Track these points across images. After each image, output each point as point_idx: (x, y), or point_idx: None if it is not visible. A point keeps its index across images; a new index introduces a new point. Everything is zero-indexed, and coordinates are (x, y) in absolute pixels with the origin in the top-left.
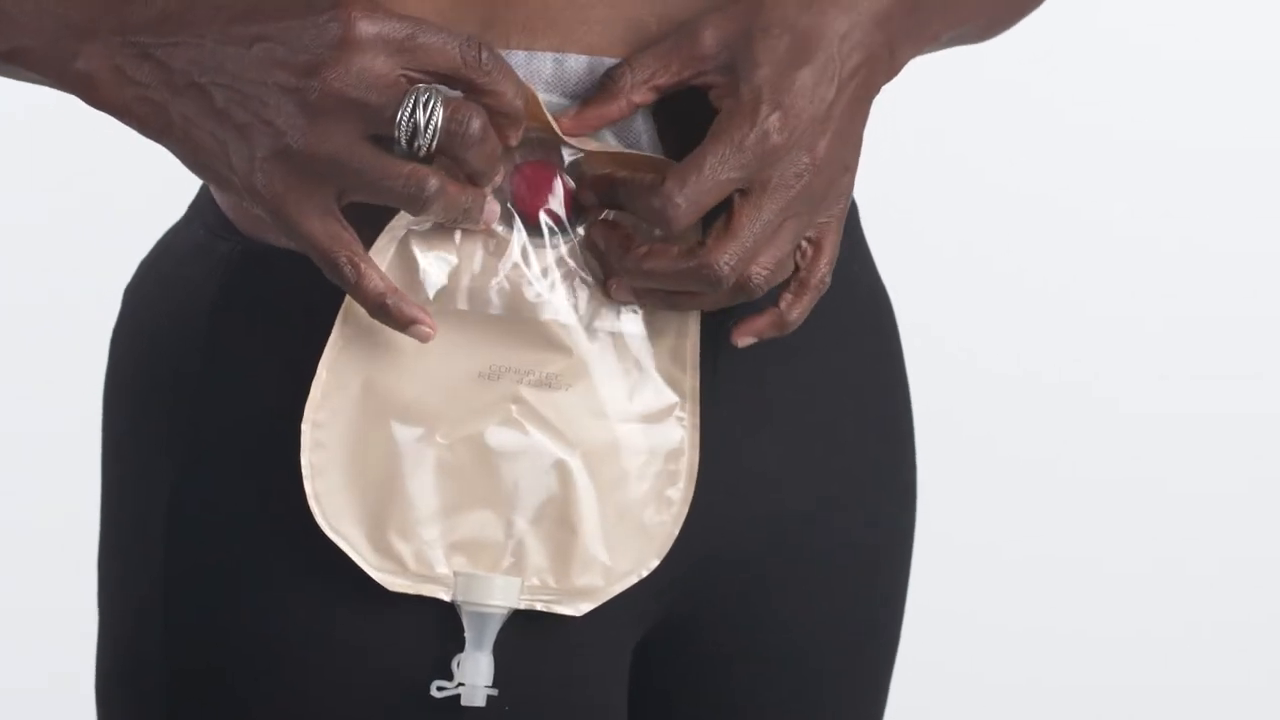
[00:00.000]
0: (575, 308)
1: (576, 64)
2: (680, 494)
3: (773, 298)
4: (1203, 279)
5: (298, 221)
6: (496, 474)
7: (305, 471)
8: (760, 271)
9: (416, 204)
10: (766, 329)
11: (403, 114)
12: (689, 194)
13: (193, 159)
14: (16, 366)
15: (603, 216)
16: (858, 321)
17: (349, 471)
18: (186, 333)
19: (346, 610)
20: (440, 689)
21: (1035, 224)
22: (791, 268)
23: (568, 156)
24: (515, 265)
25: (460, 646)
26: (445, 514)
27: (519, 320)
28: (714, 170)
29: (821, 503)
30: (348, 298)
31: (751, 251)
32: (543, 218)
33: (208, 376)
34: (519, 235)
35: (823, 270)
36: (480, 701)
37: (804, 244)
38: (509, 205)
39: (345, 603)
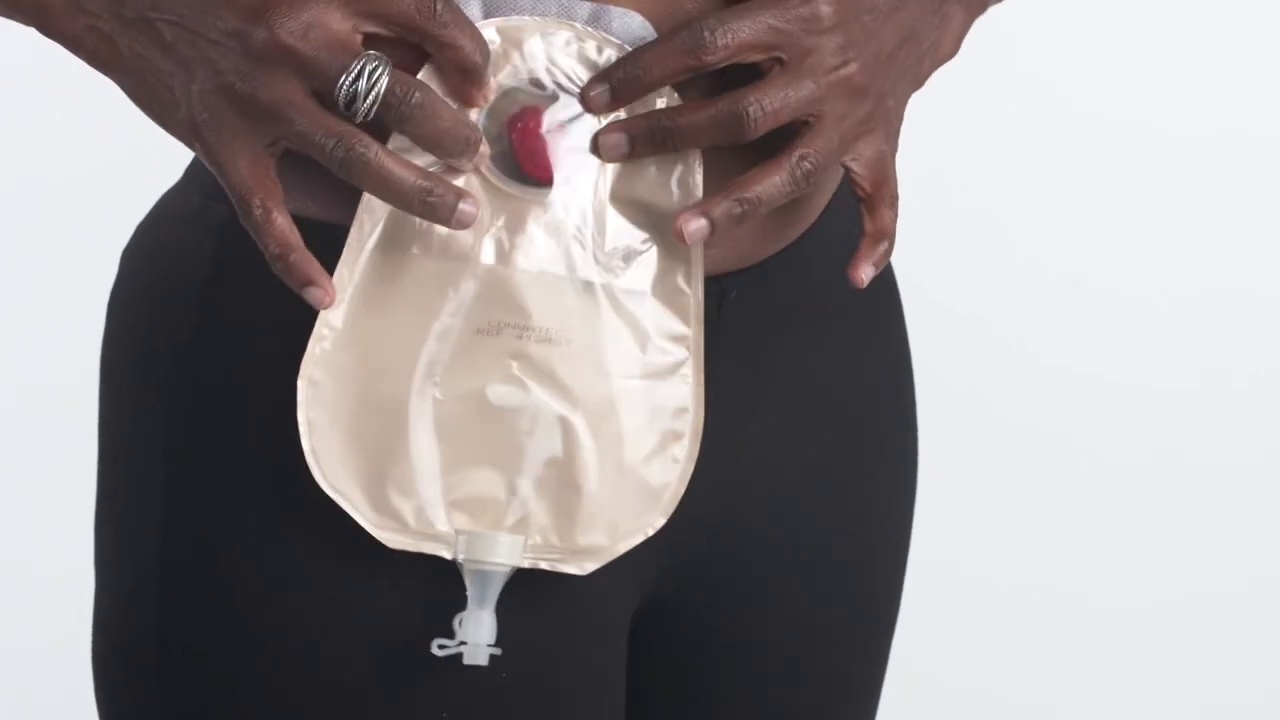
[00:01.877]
0: (573, 263)
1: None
2: (685, 452)
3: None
4: (1206, 255)
5: (226, 159)
6: (498, 431)
7: (302, 429)
8: (809, 152)
9: (341, 167)
10: (876, 253)
11: (345, 79)
12: (730, 25)
13: (138, 92)
14: (17, 330)
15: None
16: (859, 292)
17: (347, 429)
18: (181, 296)
19: (342, 573)
20: (442, 647)
21: (1039, 192)
22: (832, 162)
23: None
24: (513, 217)
25: (457, 608)
26: (446, 471)
27: (517, 274)
28: (757, 13)
29: (820, 474)
30: (343, 257)
31: (786, 105)
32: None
33: (202, 339)
34: (517, 188)
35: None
36: (483, 660)
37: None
38: (509, 157)
39: (341, 566)
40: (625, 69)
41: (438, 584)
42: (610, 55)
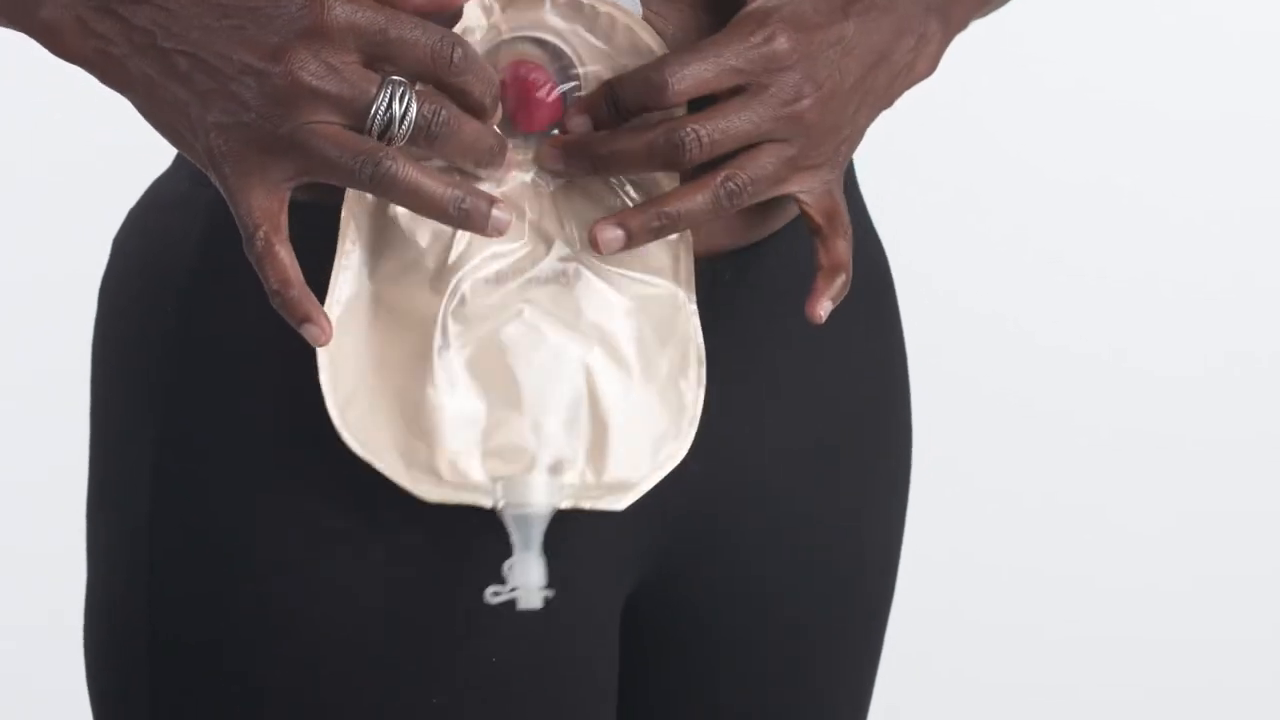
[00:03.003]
0: (565, 219)
1: None
2: (696, 376)
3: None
4: (1206, 238)
5: (240, 190)
6: (519, 376)
7: (326, 393)
8: (738, 174)
9: (373, 183)
10: (834, 287)
11: (378, 107)
12: (690, 68)
13: (153, 115)
14: (11, 318)
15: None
16: (855, 281)
17: (370, 389)
18: (169, 281)
19: (334, 557)
20: (495, 594)
21: (1032, 174)
22: (764, 191)
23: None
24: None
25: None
26: (473, 421)
27: (519, 222)
28: (718, 54)
29: (813, 465)
30: (343, 219)
31: (726, 136)
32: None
33: (190, 324)
34: (513, 143)
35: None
36: (537, 603)
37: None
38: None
39: (333, 549)
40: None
41: (432, 566)
42: (607, 13)
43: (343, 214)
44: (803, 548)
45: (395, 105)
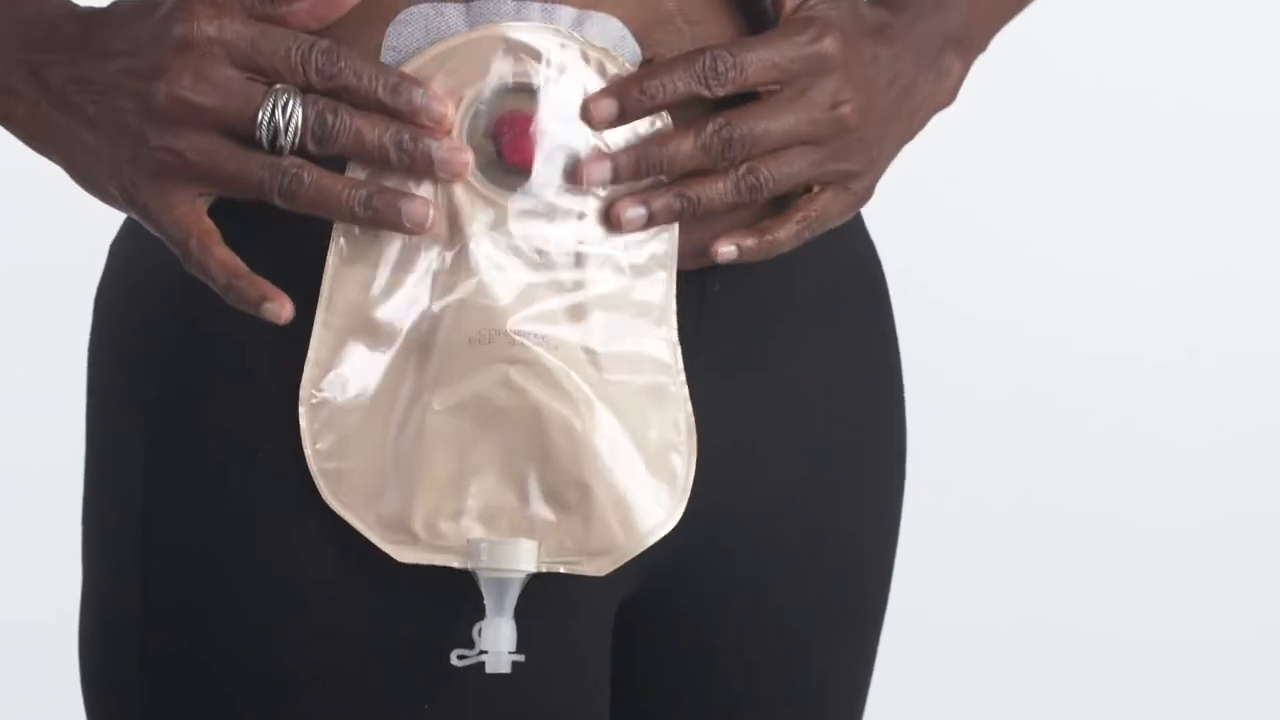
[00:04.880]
0: (556, 264)
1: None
2: (686, 441)
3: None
4: (1182, 235)
5: (159, 213)
6: (501, 437)
7: (307, 452)
8: (761, 168)
9: (283, 195)
10: (748, 241)
11: (262, 116)
12: (740, 59)
13: (75, 168)
14: (9, 321)
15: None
16: (846, 287)
17: (349, 439)
18: (165, 289)
19: (326, 567)
20: (462, 657)
21: (1029, 177)
22: (785, 188)
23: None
24: (499, 221)
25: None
26: (453, 481)
27: (507, 281)
28: (764, 50)
29: (808, 472)
30: (328, 270)
31: (763, 131)
32: (534, 169)
33: (186, 332)
34: (497, 191)
35: (821, 205)
36: (505, 668)
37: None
38: (494, 160)
39: (323, 559)
40: (638, 88)
41: (424, 577)
42: (596, 60)
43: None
44: (799, 551)
45: (279, 114)
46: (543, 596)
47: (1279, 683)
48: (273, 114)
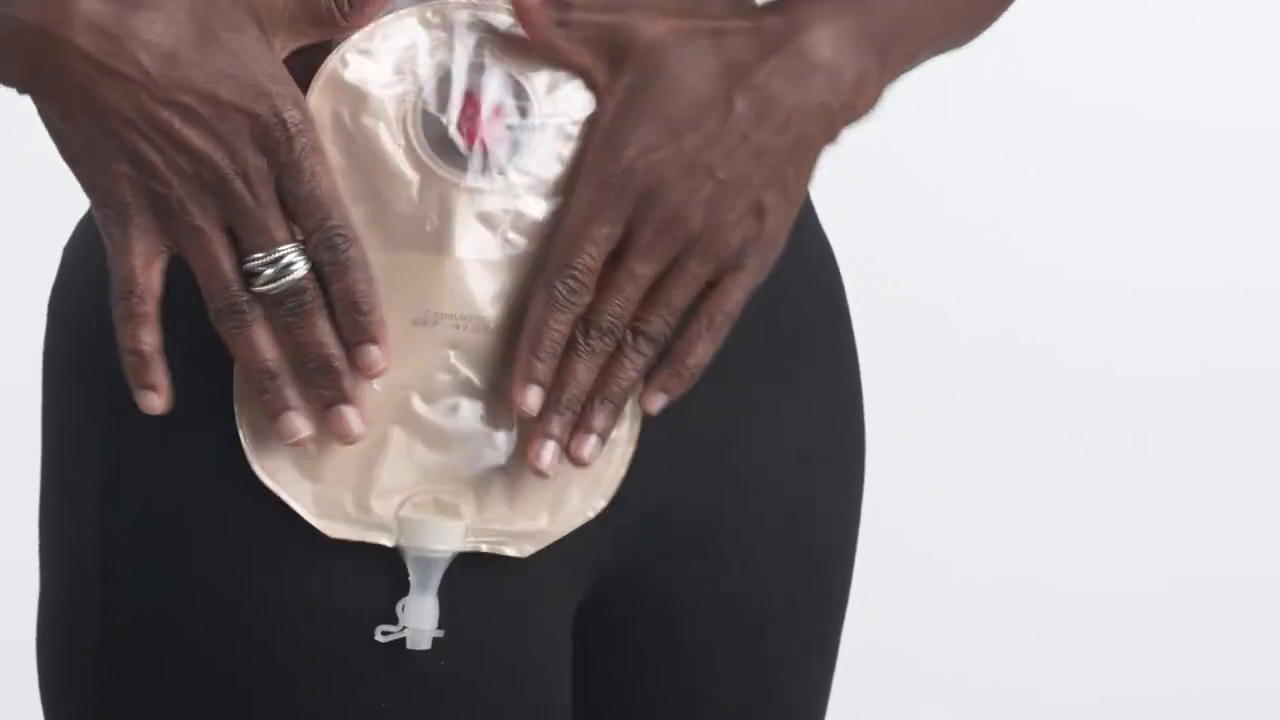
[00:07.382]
0: (501, 246)
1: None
2: (625, 434)
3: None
4: (1172, 244)
5: (121, 244)
6: (434, 418)
7: (240, 423)
8: (644, 326)
9: (217, 322)
10: (671, 384)
11: (261, 257)
12: (575, 265)
13: (69, 124)
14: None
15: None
16: (801, 282)
17: None
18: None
19: (279, 557)
20: (385, 634)
21: (1024, 181)
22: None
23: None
24: (445, 204)
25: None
26: (384, 459)
27: (455, 263)
28: (586, 229)
29: (765, 460)
30: None
31: (622, 302)
32: (476, 148)
33: None
34: (445, 167)
35: (716, 302)
36: (426, 645)
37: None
38: (444, 138)
39: (277, 549)
40: (539, 363)
41: (376, 565)
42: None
43: None
44: (763, 548)
45: (270, 268)
46: (495, 601)
47: (1266, 687)
48: (271, 261)
